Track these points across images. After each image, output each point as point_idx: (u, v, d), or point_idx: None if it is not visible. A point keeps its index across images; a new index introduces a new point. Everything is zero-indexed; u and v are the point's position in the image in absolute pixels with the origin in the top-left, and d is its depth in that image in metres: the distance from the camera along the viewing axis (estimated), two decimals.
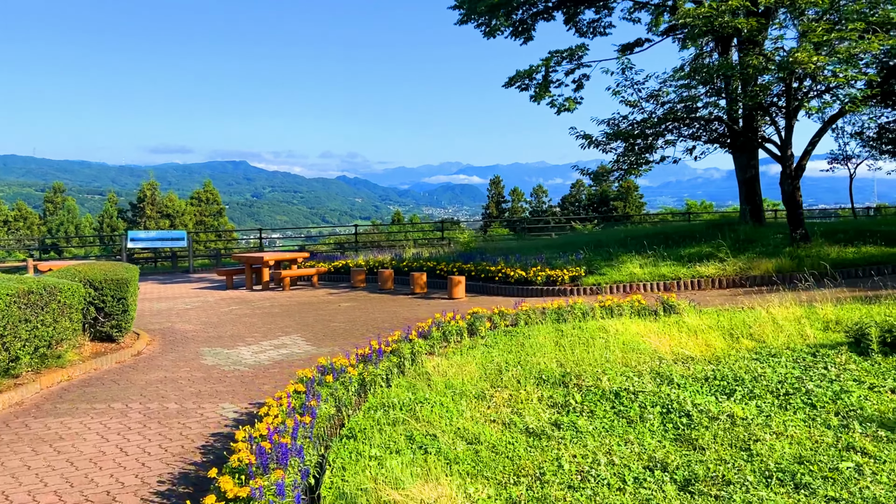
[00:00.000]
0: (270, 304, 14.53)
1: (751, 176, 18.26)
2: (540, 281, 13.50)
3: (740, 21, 12.06)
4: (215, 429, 6.21)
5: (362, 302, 14.23)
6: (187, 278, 21.23)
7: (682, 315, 9.13)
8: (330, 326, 11.52)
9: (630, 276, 12.95)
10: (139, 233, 22.38)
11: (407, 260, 17.46)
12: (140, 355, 9.82)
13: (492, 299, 13.66)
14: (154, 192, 62.77)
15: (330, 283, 18.29)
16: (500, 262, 15.16)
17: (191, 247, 22.92)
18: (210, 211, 63.39)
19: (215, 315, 13.34)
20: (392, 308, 13.23)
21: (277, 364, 8.90)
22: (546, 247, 18.21)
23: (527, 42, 21.86)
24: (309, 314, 12.96)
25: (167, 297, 16.50)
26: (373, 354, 7.28)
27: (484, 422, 5.33)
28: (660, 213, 60.54)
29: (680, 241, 15.63)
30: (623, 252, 14.91)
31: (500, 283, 14.31)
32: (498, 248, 18.96)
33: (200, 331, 11.67)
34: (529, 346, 8.03)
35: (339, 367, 6.66)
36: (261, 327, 11.74)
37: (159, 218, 60.13)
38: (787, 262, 12.30)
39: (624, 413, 5.29)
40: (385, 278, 15.80)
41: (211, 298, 15.93)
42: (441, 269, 15.82)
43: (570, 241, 18.55)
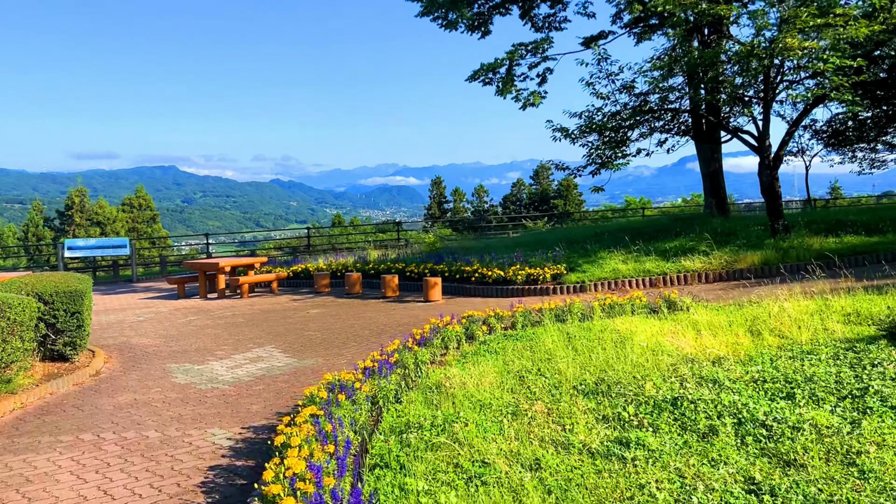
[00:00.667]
0: (232, 314, 13.57)
1: (714, 169, 18.18)
2: (520, 280, 12.96)
3: (721, 8, 11.78)
4: (211, 460, 5.40)
5: (332, 308, 13.41)
6: (132, 288, 19.92)
7: (688, 312, 8.70)
8: (305, 336, 10.70)
9: (614, 273, 12.52)
10: (77, 241, 20.91)
11: (372, 262, 16.68)
12: (99, 375, 8.82)
13: (470, 301, 13.05)
14: (83, 199, 59.97)
15: (290, 288, 17.35)
16: (474, 262, 14.55)
17: (134, 255, 21.57)
18: (143, 217, 60.99)
19: (173, 327, 12.32)
20: (367, 314, 12.47)
21: (259, 380, 8.07)
22: (514, 245, 17.71)
23: (484, 36, 21.33)
24: (277, 323, 12.08)
25: (115, 308, 15.30)
26: (382, 367, 6.55)
27: (534, 442, 4.70)
28: (599, 209, 61.17)
29: (653, 235, 15.34)
30: (600, 248, 14.51)
31: (476, 283, 13.70)
32: (464, 247, 18.37)
33: (162, 345, 10.68)
34: (540, 350, 7.44)
35: (349, 383, 5.92)
36: (228, 339, 10.82)
37: (89, 226, 57.46)
38: (772, 254, 12.08)
39: (691, 426, 4.74)
40: (352, 282, 15.00)
41: (164, 309, 14.83)
42: (412, 271, 15.11)
43: (538, 240, 18.10)
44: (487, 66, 17.25)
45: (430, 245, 18.74)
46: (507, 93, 17.03)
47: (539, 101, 17.16)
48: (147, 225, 60.45)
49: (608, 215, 46.66)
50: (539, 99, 17.18)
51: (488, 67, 17.28)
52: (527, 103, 17.49)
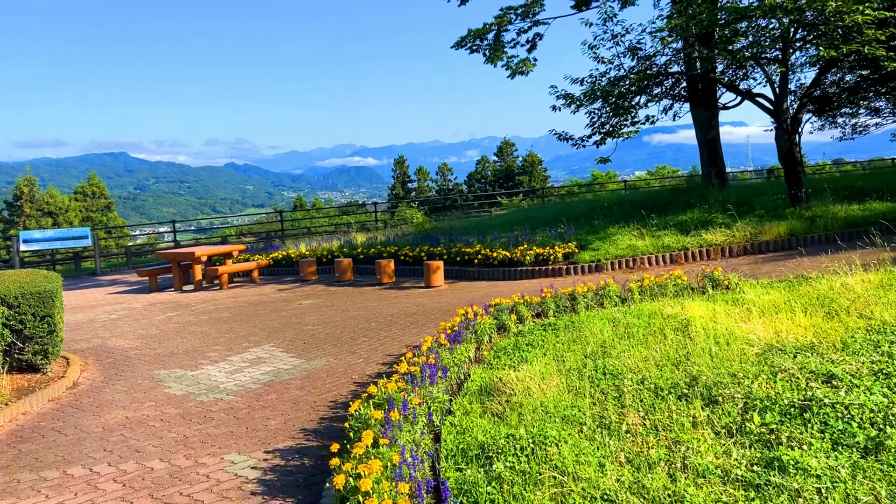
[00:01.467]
0: (215, 307, 12.42)
1: (712, 137, 17.47)
2: (529, 261, 12.06)
3: None
4: (240, 499, 4.40)
5: (326, 298, 12.36)
6: (97, 282, 18.52)
7: (738, 291, 7.90)
8: (305, 331, 9.65)
9: (631, 250, 11.69)
10: (33, 233, 19.38)
11: (361, 247, 15.61)
12: (78, 388, 7.69)
13: (474, 285, 12.12)
14: (32, 188, 57.27)
15: (272, 277, 16.20)
16: (475, 243, 13.60)
17: (97, 246, 20.11)
18: (97, 206, 58.61)
19: (153, 325, 11.15)
20: (366, 303, 11.45)
21: (268, 387, 7.04)
22: (508, 224, 16.80)
23: (464, 3, 20.24)
24: (269, 317, 10.99)
25: (83, 305, 14.01)
26: (424, 371, 5.59)
27: (656, 469, 3.80)
28: (565, 185, 60.65)
29: (658, 209, 14.55)
30: (608, 224, 13.67)
31: (480, 265, 12.76)
32: (456, 228, 17.38)
33: (143, 347, 9.54)
34: (590, 341, 6.55)
35: (399, 397, 4.94)
36: (219, 338, 9.72)
37: (40, 216, 54.93)
38: (798, 224, 11.37)
39: (843, 439, 3.89)
40: (343, 268, 13.93)
41: (137, 304, 13.60)
42: (406, 255, 14.09)
43: (531, 217, 17.20)
44: (475, 32, 16.19)
45: (419, 226, 17.71)
46: (497, 60, 16.03)
47: (530, 69, 16.20)
48: (102, 213, 58.12)
49: (575, 190, 46.02)
50: (530, 66, 16.23)
51: (476, 33, 16.23)
52: (516, 71, 16.53)
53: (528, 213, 18.64)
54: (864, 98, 22.44)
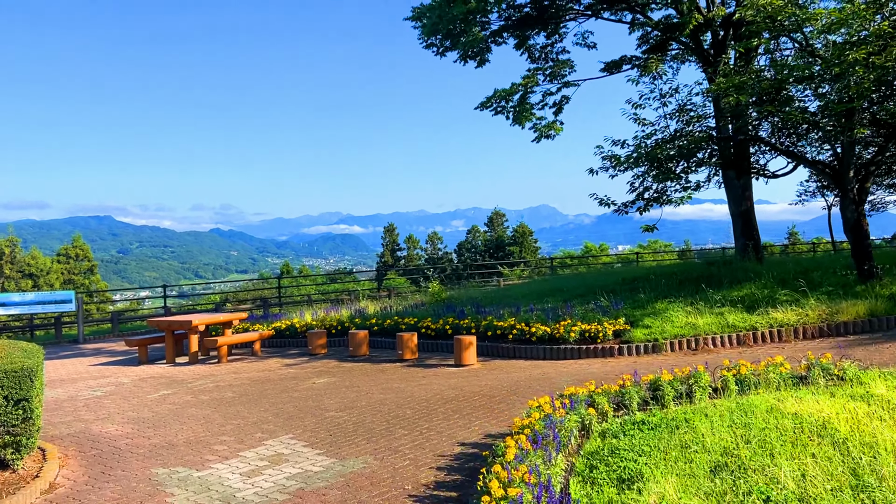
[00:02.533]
0: (215, 385, 10.93)
1: (746, 208, 16.50)
2: (573, 338, 10.74)
3: (818, 11, 10.08)
4: None
5: (343, 376, 10.91)
6: (80, 351, 16.91)
7: (859, 384, 6.62)
8: (327, 419, 8.21)
9: (690, 329, 10.42)
10: (11, 295, 17.84)
11: (375, 317, 14.23)
12: (55, 491, 6.19)
13: (512, 364, 10.75)
14: (14, 248, 55.62)
15: (275, 349, 14.73)
16: (506, 316, 12.30)
17: (81, 311, 18.55)
18: (81, 268, 56.89)
19: (145, 406, 9.64)
20: (392, 383, 10.02)
21: (299, 499, 5.58)
22: (531, 295, 15.52)
23: (482, 65, 19.52)
24: (281, 399, 9.53)
25: (64, 378, 12.44)
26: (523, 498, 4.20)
27: None
28: (556, 256, 59.83)
29: (699, 283, 13.37)
30: (653, 298, 12.42)
31: (515, 342, 11.42)
32: (472, 298, 16.07)
33: (135, 434, 8.04)
34: (710, 449, 5.22)
35: None
36: (225, 425, 8.24)
37: (20, 278, 53.05)
38: (880, 304, 10.19)
39: None
40: (358, 342, 12.52)
41: (125, 379, 12.06)
42: (429, 328, 12.73)
43: (558, 287, 15.94)
44: (501, 93, 15.32)
45: (435, 295, 16.38)
46: (524, 121, 15.12)
47: (558, 132, 15.30)
48: (84, 276, 56.34)
49: (567, 262, 45.05)
50: (558, 129, 15.34)
51: (501, 94, 15.36)
52: (543, 134, 15.61)
53: (552, 283, 17.39)
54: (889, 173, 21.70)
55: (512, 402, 8.22)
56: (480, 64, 19.46)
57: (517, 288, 18.24)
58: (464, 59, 19.30)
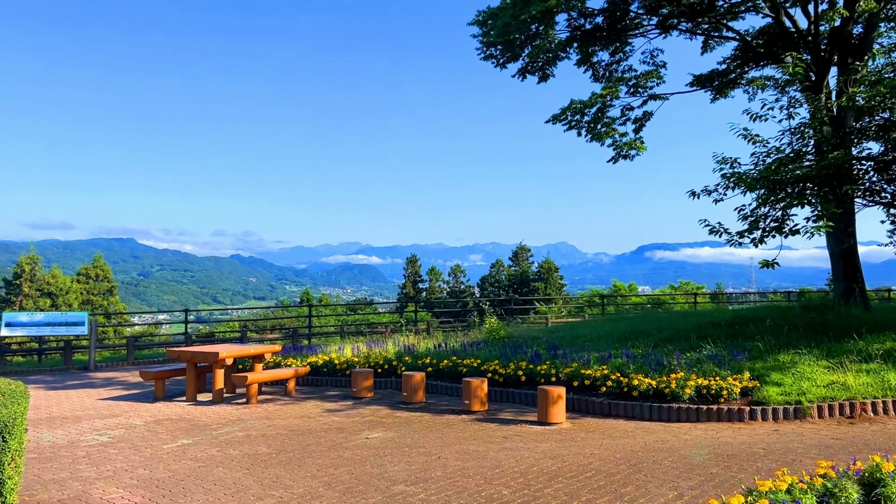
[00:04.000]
0: (245, 435, 8.99)
1: (849, 246, 14.48)
2: (687, 395, 8.72)
3: None
4: None
5: (401, 430, 8.93)
6: (89, 380, 15.07)
7: None
8: (396, 497, 6.21)
9: (842, 390, 8.38)
10: (19, 315, 16.12)
11: (427, 355, 12.26)
12: None
13: (610, 425, 8.73)
14: (34, 267, 54.51)
15: (310, 388, 12.79)
16: (593, 363, 10.30)
17: (94, 334, 16.74)
18: (100, 289, 55.56)
19: (160, 461, 7.73)
20: (467, 445, 8.02)
21: None
22: (605, 337, 13.51)
23: (544, 80, 17.82)
24: (330, 459, 7.56)
25: (67, 416, 10.57)
26: None
27: None
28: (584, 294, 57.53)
29: (799, 331, 11.37)
30: (773, 348, 10.37)
31: (610, 396, 9.41)
32: (535, 337, 14.09)
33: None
34: None
35: None
36: (264, 498, 6.28)
37: (39, 296, 51.81)
38: None
39: None
40: (414, 386, 10.55)
41: (138, 420, 10.17)
42: (496, 372, 10.74)
43: (634, 330, 13.90)
44: (577, 105, 13.54)
45: (492, 332, 14.38)
46: (605, 137, 13.31)
47: (641, 150, 13.43)
48: (103, 297, 55.02)
49: (596, 300, 43.00)
50: (642, 148, 13.48)
51: (577, 107, 13.55)
52: (621, 154, 13.76)
53: (625, 324, 15.30)
54: None
55: (642, 484, 6.21)
56: (542, 79, 17.75)
57: (581, 328, 16.19)
58: (524, 73, 17.63)
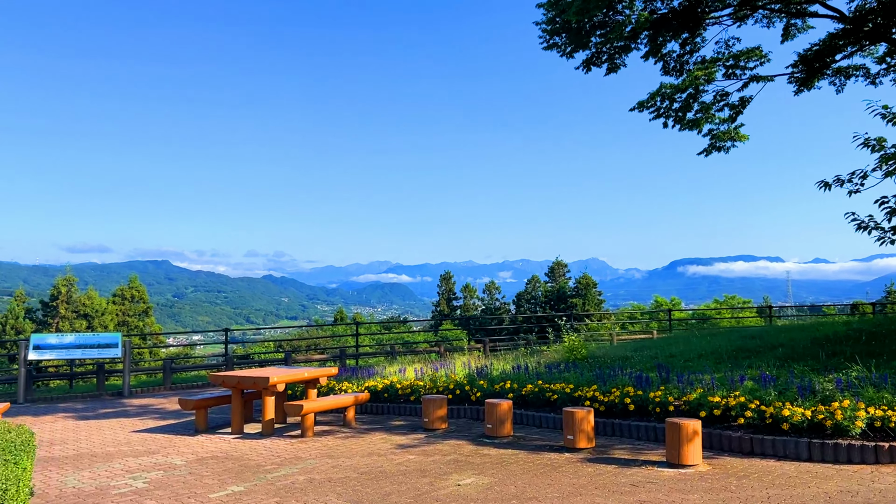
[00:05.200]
0: (308, 480, 7.44)
1: None
2: (858, 429, 6.98)
3: None
4: None
5: (497, 475, 7.30)
6: (123, 408, 13.69)
7: None
8: None
9: None
10: (48, 336, 14.84)
11: (506, 378, 10.61)
12: None
13: (762, 466, 7.01)
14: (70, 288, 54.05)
15: (371, 417, 11.23)
16: (715, 389, 8.58)
17: (128, 357, 15.39)
18: (136, 310, 54.87)
19: None
20: (596, 499, 6.35)
21: None
22: (704, 356, 11.78)
23: (613, 72, 16.27)
24: None
25: (96, 453, 9.13)
26: None
27: None
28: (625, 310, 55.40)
29: None
30: None
31: (749, 429, 7.69)
32: (620, 357, 12.40)
33: None
34: None
35: None
36: None
37: (75, 318, 51.24)
38: None
39: None
40: (500, 417, 8.91)
41: (178, 459, 8.68)
42: (598, 399, 9.07)
43: (744, 347, 12.15)
44: (667, 89, 11.95)
45: (572, 351, 12.71)
46: (702, 124, 11.66)
47: (743, 140, 11.75)
48: (139, 318, 54.31)
49: (638, 316, 41.06)
50: (743, 137, 11.79)
51: (668, 91, 11.97)
52: (717, 144, 12.09)
53: (721, 340, 13.52)
54: None
55: None
56: (611, 70, 16.20)
57: (665, 346, 14.40)
58: (589, 64, 16.11)
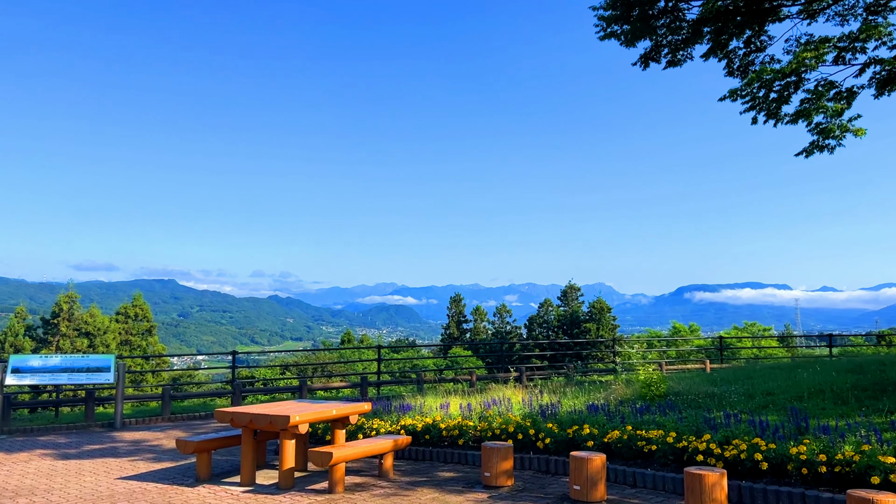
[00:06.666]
0: None
1: None
2: None
3: None
4: None
5: None
6: (112, 444, 11.66)
7: None
8: None
9: None
10: (29, 358, 12.85)
11: (583, 421, 8.56)
12: None
13: None
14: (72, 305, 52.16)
15: (409, 464, 9.17)
16: (884, 443, 6.55)
17: (122, 383, 13.35)
18: (139, 329, 52.90)
19: None
20: None
21: None
22: (814, 392, 9.74)
23: (674, 66, 14.46)
24: None
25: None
26: None
27: None
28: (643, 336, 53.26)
29: None
30: None
31: None
32: (706, 394, 10.35)
33: None
34: None
35: None
36: None
37: (76, 336, 49.25)
38: None
39: None
40: (591, 476, 6.85)
41: None
42: (712, 453, 7.02)
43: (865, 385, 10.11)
44: (768, 73, 9.98)
45: (651, 386, 10.57)
46: (812, 115, 9.72)
47: (860, 134, 9.82)
48: (142, 338, 52.32)
49: (655, 343, 39.04)
50: (860, 132, 9.85)
51: (767, 76, 10.01)
52: (820, 143, 10.16)
53: (804, 376, 11.46)
54: None
55: None
56: (672, 63, 14.42)
57: (742, 378, 12.29)
58: (647, 60, 14.36)
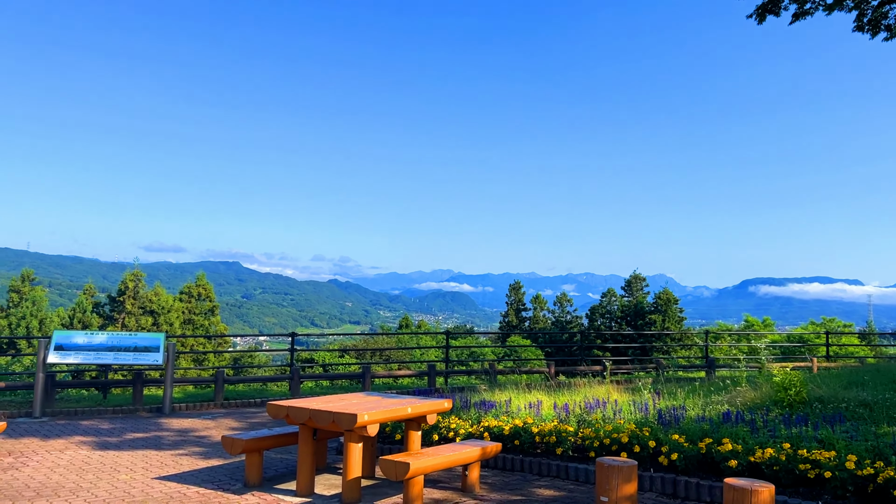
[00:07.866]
0: None
1: None
2: None
3: None
4: None
5: None
6: (157, 432, 10.44)
7: None
8: None
9: None
10: (74, 334, 11.76)
11: (722, 434, 6.83)
12: None
13: None
14: (137, 284, 52.44)
15: (496, 476, 7.60)
16: None
17: (171, 365, 12.18)
18: (202, 308, 52.87)
19: None
20: None
21: None
22: None
23: (801, 17, 12.44)
24: None
25: None
26: None
27: None
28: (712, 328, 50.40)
29: None
30: None
31: None
32: (855, 400, 8.46)
33: None
34: None
35: None
36: None
37: (141, 314, 49.50)
38: None
39: None
40: None
41: None
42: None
43: None
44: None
45: (786, 390, 8.60)
46: None
47: None
48: (205, 317, 52.33)
49: (750, 336, 36.26)
50: None
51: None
52: None
53: None
54: None
55: None
56: (799, 15, 12.39)
57: (894, 378, 10.27)
58: (763, 11, 12.40)
